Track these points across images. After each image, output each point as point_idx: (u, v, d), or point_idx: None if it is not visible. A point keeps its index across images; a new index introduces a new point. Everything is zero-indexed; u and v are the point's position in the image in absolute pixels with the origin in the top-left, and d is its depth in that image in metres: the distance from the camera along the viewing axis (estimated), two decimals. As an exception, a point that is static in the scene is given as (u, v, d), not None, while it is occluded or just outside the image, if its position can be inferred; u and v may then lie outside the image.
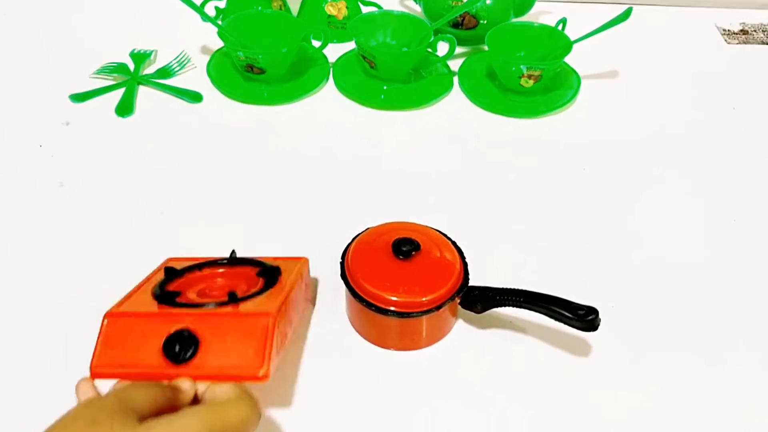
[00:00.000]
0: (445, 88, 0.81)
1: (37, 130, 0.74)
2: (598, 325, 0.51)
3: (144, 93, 0.79)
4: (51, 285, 0.60)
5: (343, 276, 0.55)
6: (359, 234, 0.58)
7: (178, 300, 0.50)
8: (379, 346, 0.56)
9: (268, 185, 0.70)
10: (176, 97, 0.79)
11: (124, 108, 0.77)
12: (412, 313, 0.53)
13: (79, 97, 0.78)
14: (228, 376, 0.45)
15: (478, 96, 0.79)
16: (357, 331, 0.57)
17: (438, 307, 0.53)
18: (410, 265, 0.54)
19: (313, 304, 0.59)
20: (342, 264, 0.56)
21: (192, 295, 0.52)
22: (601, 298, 0.54)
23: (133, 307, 0.49)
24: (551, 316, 0.52)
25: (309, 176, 0.71)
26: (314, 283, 0.60)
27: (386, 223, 0.58)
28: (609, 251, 0.64)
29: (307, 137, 0.75)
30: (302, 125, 0.77)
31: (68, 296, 0.59)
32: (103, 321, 0.48)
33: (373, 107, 0.79)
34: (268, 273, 0.53)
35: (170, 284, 0.53)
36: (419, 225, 0.58)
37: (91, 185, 0.69)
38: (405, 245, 0.54)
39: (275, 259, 0.56)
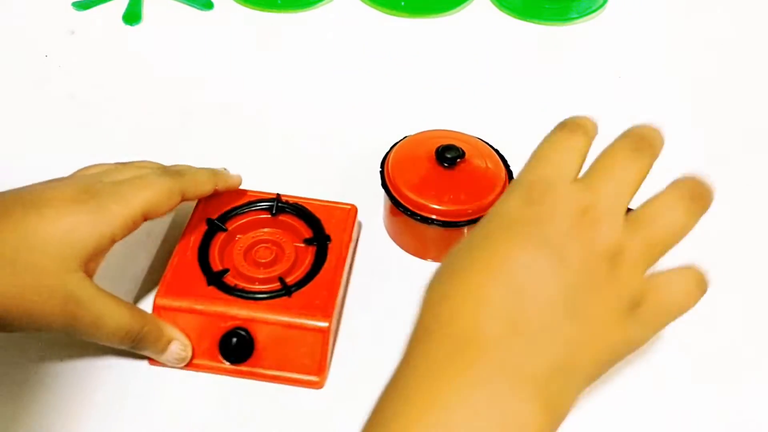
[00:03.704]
0: (470, -7, 0.77)
1: (41, 39, 0.70)
2: None
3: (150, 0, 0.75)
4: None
5: (384, 185, 0.52)
6: (398, 142, 0.55)
7: (227, 279, 0.48)
8: (419, 257, 0.54)
9: (287, 98, 0.66)
10: (185, 4, 0.75)
11: (132, 15, 0.73)
12: (458, 222, 0.51)
13: (83, 5, 0.73)
14: (283, 380, 0.47)
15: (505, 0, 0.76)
16: (397, 243, 0.55)
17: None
18: (455, 174, 0.52)
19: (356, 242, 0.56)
20: (382, 173, 0.53)
21: (239, 260, 0.49)
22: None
23: (183, 289, 0.47)
24: None
25: (329, 88, 0.68)
26: (359, 225, 0.55)
27: (426, 131, 0.56)
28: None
29: (324, 47, 0.72)
30: (318, 34, 0.73)
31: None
32: (155, 311, 0.47)
33: (392, 13, 0.75)
34: (319, 241, 0.50)
35: (215, 238, 0.50)
36: (461, 133, 0.55)
37: (103, 96, 0.65)
38: (449, 152, 0.52)
39: (321, 204, 0.52)
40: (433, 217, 0.51)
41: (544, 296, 0.32)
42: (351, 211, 0.52)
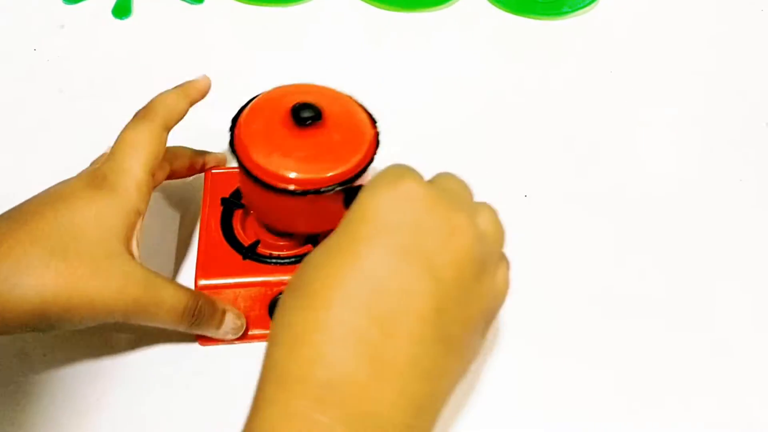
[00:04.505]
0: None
1: (30, 33, 0.69)
2: None
3: (141, -7, 0.75)
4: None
5: (233, 150, 0.46)
6: (252, 99, 0.48)
7: (259, 251, 0.49)
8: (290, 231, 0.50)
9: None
10: (176, -3, 0.74)
11: (122, 9, 0.72)
12: (319, 190, 0.44)
13: (72, -1, 0.73)
14: None
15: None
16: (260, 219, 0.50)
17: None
18: (313, 135, 0.45)
19: None
20: (231, 136, 0.47)
21: (262, 232, 0.50)
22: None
23: (220, 267, 0.48)
24: None
25: (320, 82, 0.67)
26: None
27: (284, 86, 0.49)
28: (634, 152, 0.62)
29: (315, 41, 0.71)
30: (309, 28, 0.72)
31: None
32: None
33: (384, 7, 0.74)
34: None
35: (234, 216, 0.50)
36: (325, 88, 0.49)
37: (93, 91, 0.65)
38: (305, 111, 0.45)
39: None
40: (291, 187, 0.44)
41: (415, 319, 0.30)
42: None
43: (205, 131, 0.62)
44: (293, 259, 0.48)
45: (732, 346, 0.51)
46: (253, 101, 0.48)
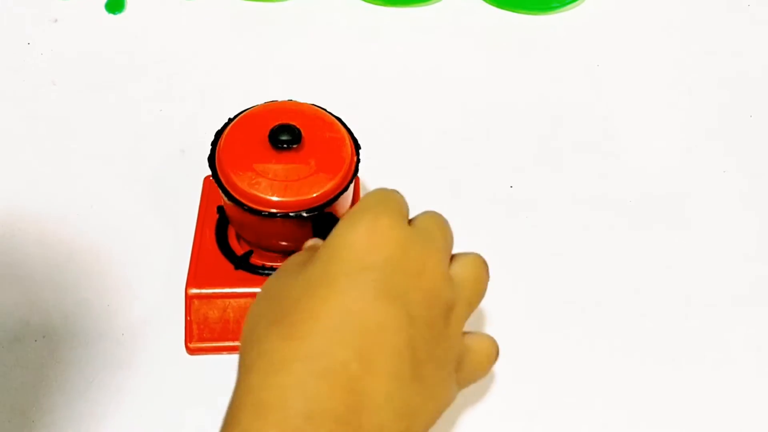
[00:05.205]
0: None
1: (23, 27, 0.70)
2: None
3: (135, -12, 0.75)
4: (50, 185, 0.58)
5: (215, 174, 0.46)
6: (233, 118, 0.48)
7: (253, 261, 0.49)
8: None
9: (269, 87, 0.67)
10: (169, -8, 0.75)
11: (115, 4, 0.73)
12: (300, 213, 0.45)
13: (66, -7, 0.74)
14: None
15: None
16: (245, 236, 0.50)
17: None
18: (293, 157, 0.45)
19: None
20: (212, 158, 0.47)
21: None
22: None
23: (212, 277, 0.48)
24: None
25: (311, 77, 0.68)
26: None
27: (265, 104, 0.49)
28: (620, 145, 0.63)
29: (306, 37, 0.72)
30: (300, 23, 0.73)
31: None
32: (189, 301, 0.47)
33: (373, 3, 0.75)
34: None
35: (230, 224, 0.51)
36: (306, 105, 0.49)
37: (86, 85, 0.66)
38: (284, 134, 0.45)
39: None
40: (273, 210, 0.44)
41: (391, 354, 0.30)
42: (355, 181, 0.51)
43: (198, 127, 0.63)
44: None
45: (719, 339, 0.52)
46: (239, 116, 0.49)
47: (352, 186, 0.48)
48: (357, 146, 0.49)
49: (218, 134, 0.48)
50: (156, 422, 0.47)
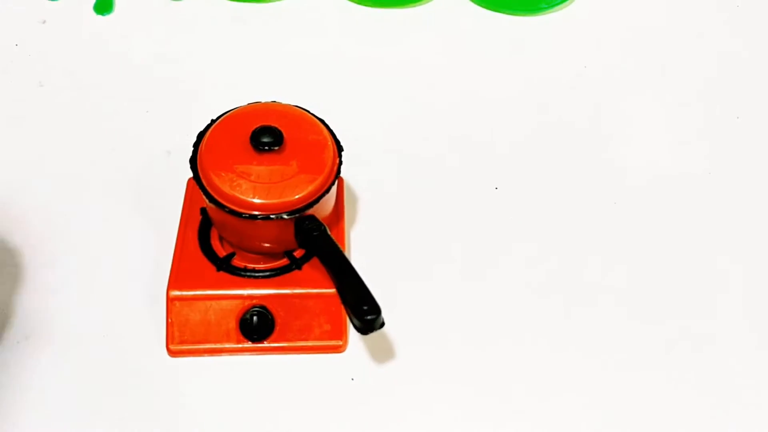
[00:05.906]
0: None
1: (12, 28, 0.70)
2: (377, 328, 0.42)
3: (123, -10, 0.75)
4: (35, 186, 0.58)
5: (196, 177, 0.46)
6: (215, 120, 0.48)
7: (234, 263, 0.49)
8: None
9: (258, 86, 0.67)
10: (157, -7, 0.75)
11: (103, 5, 0.73)
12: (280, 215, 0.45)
13: (55, -5, 0.74)
14: (307, 349, 0.48)
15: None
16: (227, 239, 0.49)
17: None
18: (274, 159, 0.46)
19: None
20: (194, 161, 0.47)
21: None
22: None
23: (193, 278, 0.48)
24: (342, 298, 0.44)
25: (301, 77, 0.68)
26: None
27: (247, 106, 0.49)
28: (607, 145, 0.63)
29: (295, 37, 0.72)
30: (289, 24, 0.73)
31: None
32: (170, 303, 0.47)
33: (363, 4, 0.75)
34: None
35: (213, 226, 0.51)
36: (287, 106, 0.49)
37: (73, 85, 0.66)
38: (266, 136, 0.45)
39: None
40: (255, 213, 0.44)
41: None
42: (339, 182, 0.52)
43: (184, 129, 0.63)
44: (269, 273, 0.48)
45: (708, 336, 0.52)
46: (222, 118, 0.49)
47: (335, 187, 0.48)
48: (340, 148, 0.49)
49: (200, 136, 0.48)
50: (137, 423, 0.47)
